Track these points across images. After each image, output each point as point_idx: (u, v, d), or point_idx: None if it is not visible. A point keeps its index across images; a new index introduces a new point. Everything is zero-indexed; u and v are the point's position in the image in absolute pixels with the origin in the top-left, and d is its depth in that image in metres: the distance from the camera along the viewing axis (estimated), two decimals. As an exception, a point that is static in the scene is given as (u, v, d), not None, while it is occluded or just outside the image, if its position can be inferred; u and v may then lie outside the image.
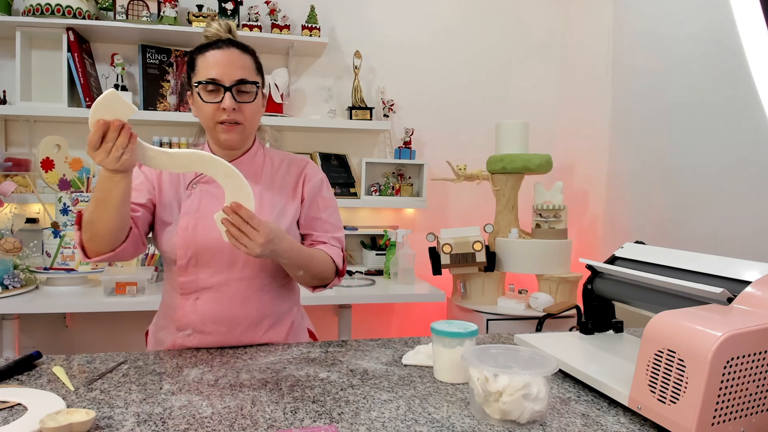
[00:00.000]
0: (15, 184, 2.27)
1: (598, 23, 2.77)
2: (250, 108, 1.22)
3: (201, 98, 1.20)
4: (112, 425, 0.84)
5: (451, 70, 2.99)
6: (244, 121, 1.22)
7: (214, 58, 1.19)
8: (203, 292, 1.25)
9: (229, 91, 1.18)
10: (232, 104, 1.18)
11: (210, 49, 1.21)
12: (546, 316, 2.17)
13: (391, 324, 2.98)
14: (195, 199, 1.26)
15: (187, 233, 1.23)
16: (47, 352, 1.18)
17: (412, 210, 2.97)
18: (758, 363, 0.77)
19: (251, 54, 1.26)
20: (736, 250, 1.82)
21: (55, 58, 2.45)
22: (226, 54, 1.20)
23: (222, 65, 1.19)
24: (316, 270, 1.25)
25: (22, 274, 2.16)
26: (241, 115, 1.21)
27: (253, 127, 1.28)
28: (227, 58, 1.19)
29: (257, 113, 1.27)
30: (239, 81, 1.19)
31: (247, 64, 1.22)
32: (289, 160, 1.37)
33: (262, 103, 1.29)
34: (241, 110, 1.21)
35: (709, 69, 1.96)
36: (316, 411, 0.90)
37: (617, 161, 2.56)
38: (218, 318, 1.24)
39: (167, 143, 2.53)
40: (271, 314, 1.30)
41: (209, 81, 1.18)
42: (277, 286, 1.32)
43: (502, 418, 0.86)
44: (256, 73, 1.25)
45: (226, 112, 1.19)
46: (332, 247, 1.32)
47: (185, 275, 1.24)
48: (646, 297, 1.05)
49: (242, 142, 1.28)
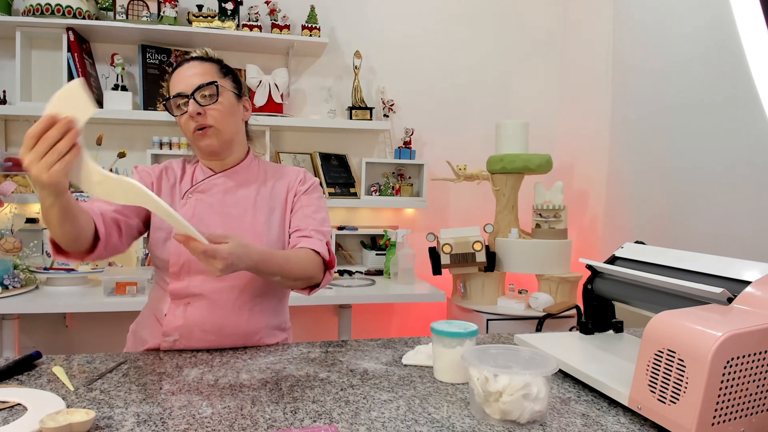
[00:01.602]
0: (15, 184, 2.27)
1: (598, 23, 2.77)
2: (217, 108, 1.23)
3: (173, 114, 1.24)
4: (112, 425, 0.84)
5: (451, 70, 3.00)
6: (214, 123, 1.22)
7: (177, 76, 1.24)
8: (194, 299, 1.24)
9: (192, 98, 1.20)
10: (195, 109, 1.20)
11: (176, 69, 1.26)
12: (546, 316, 2.17)
13: (391, 324, 2.98)
14: (190, 207, 1.27)
15: None
16: (47, 352, 1.18)
17: (412, 210, 2.97)
18: (758, 363, 0.77)
19: (215, 62, 1.28)
20: (736, 250, 1.82)
21: (55, 58, 2.45)
22: (186, 68, 1.24)
23: (183, 78, 1.23)
24: (295, 271, 1.19)
25: (22, 274, 2.16)
26: (209, 118, 1.22)
27: (227, 128, 1.26)
28: (187, 71, 1.24)
29: (227, 113, 1.25)
30: (198, 87, 1.21)
31: (206, 71, 1.24)
32: (283, 171, 1.38)
33: (235, 103, 1.28)
34: (207, 113, 1.22)
35: (709, 69, 1.96)
36: (316, 411, 0.90)
37: (617, 161, 2.56)
38: (207, 326, 1.23)
39: (167, 143, 2.53)
40: (262, 328, 1.29)
41: (175, 96, 1.22)
42: (270, 298, 1.31)
43: (502, 418, 0.86)
44: (219, 76, 1.26)
45: (193, 119, 1.21)
46: (315, 240, 1.27)
47: (177, 281, 1.24)
48: (646, 297, 1.05)
49: (223, 147, 1.27)
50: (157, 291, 1.32)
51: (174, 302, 1.24)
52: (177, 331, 1.23)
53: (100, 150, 2.45)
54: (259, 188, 1.32)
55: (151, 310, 1.32)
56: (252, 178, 1.33)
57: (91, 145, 2.40)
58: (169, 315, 1.24)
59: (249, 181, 1.32)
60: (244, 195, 1.30)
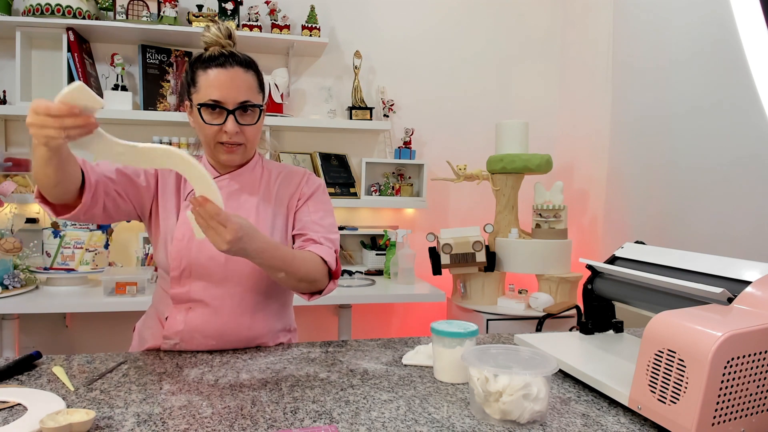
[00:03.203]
0: (15, 184, 2.27)
1: (598, 23, 2.77)
2: (253, 129, 1.20)
3: (202, 118, 1.17)
4: (112, 425, 0.84)
5: (451, 70, 3.00)
6: (245, 142, 1.21)
7: (218, 79, 1.15)
8: (196, 304, 1.23)
9: (232, 115, 1.15)
10: (234, 128, 1.16)
11: (212, 66, 1.16)
12: (546, 316, 2.17)
13: (391, 324, 2.98)
14: None
15: (183, 244, 1.20)
16: (47, 352, 1.18)
17: (412, 210, 2.97)
18: (758, 363, 0.77)
19: (254, 70, 1.21)
20: (736, 250, 1.82)
21: (55, 58, 2.45)
22: (230, 74, 1.16)
23: (225, 86, 1.15)
24: (300, 272, 1.14)
25: (22, 274, 2.16)
26: (243, 137, 1.19)
27: (255, 146, 1.27)
28: (230, 79, 1.15)
29: (259, 132, 1.24)
30: (242, 103, 1.16)
31: (250, 84, 1.18)
32: (287, 171, 1.34)
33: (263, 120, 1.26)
34: (244, 132, 1.19)
35: (709, 69, 1.96)
36: (316, 411, 0.90)
37: (617, 161, 2.56)
38: (208, 331, 1.22)
39: (167, 143, 2.52)
40: (265, 333, 1.28)
41: (212, 103, 1.15)
42: (272, 303, 1.30)
43: (502, 418, 0.86)
44: (259, 92, 1.22)
45: (228, 134, 1.17)
46: (324, 247, 1.23)
47: (178, 286, 1.23)
48: (646, 297, 1.05)
49: (242, 161, 1.27)
50: (159, 292, 1.32)
51: (176, 306, 1.24)
52: (178, 336, 1.23)
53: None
54: (264, 192, 1.29)
55: (155, 310, 1.32)
56: (256, 180, 1.30)
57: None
58: (170, 319, 1.23)
59: (253, 183, 1.29)
60: (248, 198, 1.27)
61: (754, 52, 1.76)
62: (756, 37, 1.75)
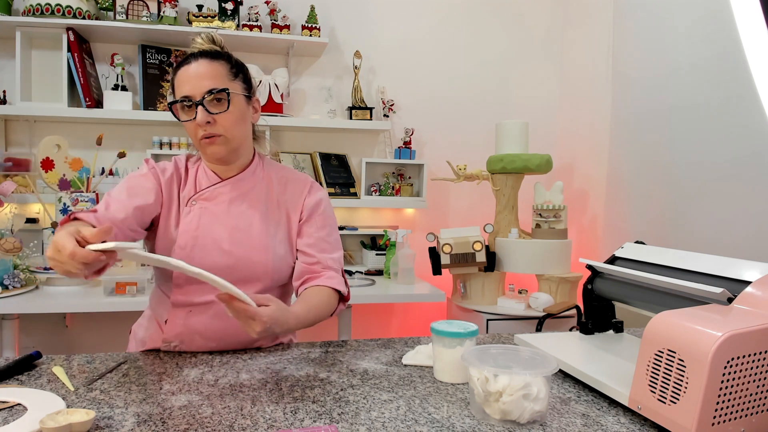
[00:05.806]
0: (15, 184, 2.27)
1: (598, 23, 2.77)
2: (226, 117, 1.16)
3: (178, 118, 1.18)
4: (112, 425, 0.84)
5: (451, 70, 2.99)
6: (224, 132, 1.17)
7: (185, 74, 1.16)
8: (196, 307, 1.22)
9: (201, 105, 1.14)
10: (204, 118, 1.14)
11: (182, 66, 1.18)
12: (546, 316, 2.17)
13: (391, 324, 2.98)
14: (194, 216, 1.22)
15: (185, 253, 1.18)
16: (47, 352, 1.18)
17: (412, 210, 2.97)
18: (758, 363, 0.77)
19: (224, 59, 1.20)
20: (736, 250, 1.81)
21: (55, 58, 2.45)
22: (194, 66, 1.16)
23: (191, 80, 1.15)
24: (320, 319, 1.18)
25: (22, 274, 2.16)
26: (219, 127, 1.16)
27: (237, 135, 1.20)
28: (195, 71, 1.15)
29: (238, 121, 1.19)
30: (208, 92, 1.14)
31: (216, 72, 1.16)
32: (288, 177, 1.32)
33: (245, 107, 1.22)
34: (217, 121, 1.15)
35: (708, 69, 1.96)
36: (316, 411, 0.90)
37: (617, 161, 2.56)
38: (208, 333, 1.22)
39: (167, 143, 2.53)
40: (264, 338, 1.27)
41: (182, 99, 1.15)
42: None
43: (502, 418, 0.86)
44: (229, 78, 1.18)
45: (200, 125, 1.15)
46: (335, 277, 1.25)
47: (180, 292, 1.22)
48: (646, 297, 1.05)
49: (231, 154, 1.22)
50: (158, 295, 1.31)
51: (176, 310, 1.23)
52: (178, 338, 1.22)
53: (100, 150, 2.44)
54: (266, 199, 1.28)
55: (152, 312, 1.31)
56: (258, 186, 1.28)
57: (91, 145, 2.40)
58: (170, 322, 1.23)
59: (255, 190, 1.27)
60: (250, 206, 1.25)
61: (754, 51, 1.76)
62: (756, 37, 1.75)
